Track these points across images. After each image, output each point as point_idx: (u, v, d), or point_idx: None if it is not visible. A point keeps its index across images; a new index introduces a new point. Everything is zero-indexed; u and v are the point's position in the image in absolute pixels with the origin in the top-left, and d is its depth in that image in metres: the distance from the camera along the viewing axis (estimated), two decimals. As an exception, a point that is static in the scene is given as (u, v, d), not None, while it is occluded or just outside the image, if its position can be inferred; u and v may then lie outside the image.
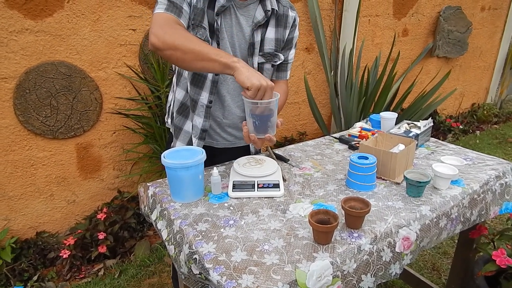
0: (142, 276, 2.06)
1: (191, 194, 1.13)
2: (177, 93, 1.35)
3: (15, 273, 2.02)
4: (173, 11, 1.11)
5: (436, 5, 3.68)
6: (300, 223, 1.02)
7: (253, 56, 1.28)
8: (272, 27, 1.29)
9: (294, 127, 3.22)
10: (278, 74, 1.41)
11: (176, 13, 1.11)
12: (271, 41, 1.29)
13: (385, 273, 0.98)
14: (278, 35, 1.31)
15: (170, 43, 1.03)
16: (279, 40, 1.31)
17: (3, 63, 1.87)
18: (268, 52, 1.30)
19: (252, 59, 1.28)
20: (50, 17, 1.92)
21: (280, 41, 1.32)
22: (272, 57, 1.31)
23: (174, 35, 1.04)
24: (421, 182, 1.11)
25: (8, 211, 2.11)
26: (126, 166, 2.41)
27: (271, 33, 1.29)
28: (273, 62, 1.32)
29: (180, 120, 1.37)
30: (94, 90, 2.15)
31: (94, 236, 2.15)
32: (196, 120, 1.33)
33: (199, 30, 1.18)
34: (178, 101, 1.36)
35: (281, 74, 1.41)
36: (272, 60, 1.32)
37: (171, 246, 1.02)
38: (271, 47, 1.30)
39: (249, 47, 1.26)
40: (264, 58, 1.30)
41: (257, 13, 1.24)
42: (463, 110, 4.63)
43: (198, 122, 1.32)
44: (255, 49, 1.27)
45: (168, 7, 1.11)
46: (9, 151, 2.01)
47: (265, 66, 1.32)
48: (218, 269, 0.85)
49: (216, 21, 1.19)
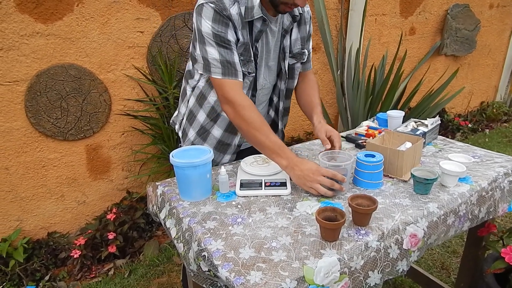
0: (152, 275, 2.08)
1: (199, 193, 1.14)
2: (199, 115, 1.34)
3: (27, 273, 2.06)
4: (231, 73, 1.15)
5: (444, 3, 3.66)
6: (307, 220, 1.02)
7: (285, 60, 1.31)
8: (295, 28, 1.32)
9: (301, 127, 3.22)
10: (304, 66, 1.45)
11: (234, 74, 1.15)
12: (297, 41, 1.33)
13: (392, 270, 0.98)
14: (301, 34, 1.34)
15: (239, 126, 1.20)
16: (303, 38, 1.35)
17: (15, 66, 1.91)
18: (297, 52, 1.34)
19: (284, 62, 1.31)
20: (60, 20, 1.96)
21: (304, 38, 1.36)
22: (301, 56, 1.36)
23: (236, 118, 1.17)
24: (428, 180, 1.11)
25: (20, 212, 2.15)
26: (135, 167, 2.44)
27: (296, 33, 1.32)
28: (302, 60, 1.37)
29: (199, 141, 1.39)
30: (103, 92, 2.18)
31: (104, 236, 2.17)
32: (236, 140, 1.38)
33: (249, 65, 1.20)
34: (199, 123, 1.36)
35: (306, 65, 1.46)
36: (301, 58, 1.36)
37: (180, 244, 1.04)
38: (299, 47, 1.34)
39: (280, 52, 1.30)
40: (295, 59, 1.34)
41: (284, 19, 1.27)
42: (472, 108, 4.59)
43: (237, 140, 1.38)
44: (286, 53, 1.31)
45: (224, 71, 1.14)
46: (21, 152, 2.05)
47: (296, 66, 1.36)
48: (227, 265, 0.86)
49: (256, 47, 1.22)
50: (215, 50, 1.13)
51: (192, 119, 1.38)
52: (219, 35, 1.12)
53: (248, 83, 1.25)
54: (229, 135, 1.35)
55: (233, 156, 1.40)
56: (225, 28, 1.12)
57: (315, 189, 1.10)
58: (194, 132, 1.38)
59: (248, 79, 1.23)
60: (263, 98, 1.38)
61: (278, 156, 1.14)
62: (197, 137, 1.38)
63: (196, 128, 1.37)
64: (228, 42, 1.14)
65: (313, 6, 2.83)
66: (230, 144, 1.37)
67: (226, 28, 1.12)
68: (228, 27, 1.12)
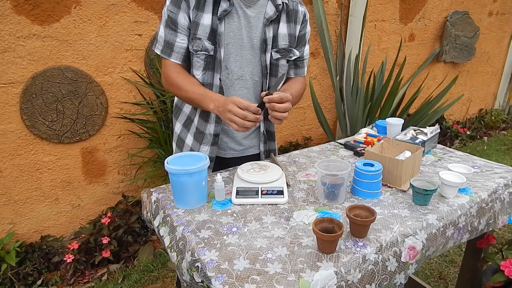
0: (146, 281, 2.05)
1: (194, 200, 1.12)
2: (185, 107, 1.39)
3: (19, 277, 2.03)
4: (165, 52, 1.25)
5: (443, 10, 3.66)
6: (304, 231, 1.00)
7: (265, 52, 1.28)
8: (284, 23, 1.29)
9: (299, 132, 3.20)
10: (296, 71, 1.43)
11: (167, 54, 1.25)
12: (285, 37, 1.30)
13: (389, 283, 0.96)
14: (290, 31, 1.31)
15: (171, 92, 1.32)
16: (292, 36, 1.32)
17: (10, 68, 1.89)
18: (283, 48, 1.31)
19: (265, 55, 1.28)
20: (57, 22, 1.94)
21: (292, 36, 1.32)
22: (287, 53, 1.32)
23: (169, 87, 1.29)
24: (428, 190, 1.09)
25: (14, 215, 2.12)
26: (131, 171, 2.42)
27: (284, 28, 1.30)
28: (288, 58, 1.33)
29: (184, 133, 1.41)
30: (100, 94, 2.16)
31: (98, 241, 2.14)
32: (210, 128, 1.34)
33: (196, 42, 1.21)
34: (185, 115, 1.39)
35: (298, 70, 1.43)
36: (287, 55, 1.33)
37: (174, 253, 1.01)
38: (285, 43, 1.31)
39: (261, 43, 1.27)
40: (280, 54, 1.31)
41: (268, 9, 1.25)
42: (471, 115, 4.59)
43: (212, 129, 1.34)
44: (268, 45, 1.27)
45: (162, 49, 1.25)
46: (15, 155, 2.03)
47: (280, 62, 1.32)
48: (220, 277, 0.84)
49: (218, 26, 1.20)
50: (164, 28, 1.23)
51: (178, 112, 1.41)
52: (170, 16, 1.20)
53: (201, 63, 1.24)
54: (202, 122, 1.34)
55: (212, 148, 1.35)
56: (177, 9, 1.19)
57: (233, 122, 1.10)
58: (180, 124, 1.40)
59: (199, 58, 1.24)
60: (241, 91, 1.32)
61: (205, 103, 1.19)
62: (183, 129, 1.40)
63: (182, 120, 1.40)
64: (176, 24, 1.21)
65: (312, 11, 2.83)
66: (204, 132, 1.34)
67: (178, 10, 1.19)
68: (180, 8, 1.19)
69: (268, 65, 1.31)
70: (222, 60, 1.25)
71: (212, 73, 1.26)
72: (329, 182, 1.12)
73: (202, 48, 1.22)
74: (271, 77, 1.34)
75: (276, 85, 1.23)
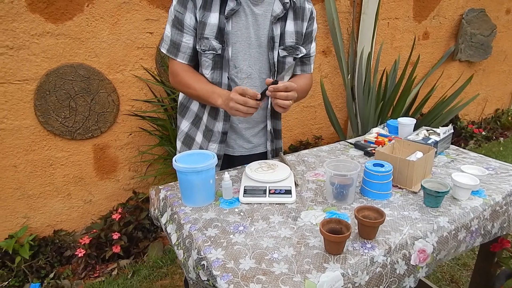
0: (155, 277, 2.07)
1: (201, 198, 1.12)
2: (192, 105, 1.38)
3: (32, 270, 2.07)
4: (172, 52, 1.26)
5: (459, 7, 3.58)
6: (312, 231, 0.99)
7: (273, 50, 1.28)
8: (291, 20, 1.29)
9: (309, 130, 3.18)
10: (303, 68, 1.43)
11: (174, 54, 1.26)
12: (292, 34, 1.30)
13: (398, 286, 0.94)
14: (297, 28, 1.31)
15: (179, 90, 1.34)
16: (298, 33, 1.31)
17: (25, 65, 1.92)
18: (290, 45, 1.30)
19: (273, 53, 1.28)
20: (70, 20, 1.96)
21: (299, 34, 1.32)
22: (294, 50, 1.32)
23: (177, 86, 1.31)
24: (439, 192, 1.06)
25: (28, 209, 2.16)
26: (141, 168, 2.44)
27: (291, 26, 1.29)
28: (295, 55, 1.33)
29: (193, 131, 1.41)
30: (111, 92, 2.18)
31: (109, 236, 2.17)
32: (218, 126, 1.34)
33: (202, 42, 1.21)
34: (194, 113, 1.39)
35: (305, 68, 1.43)
36: (294, 53, 1.32)
37: (180, 250, 1.02)
38: (292, 40, 1.30)
39: (268, 41, 1.27)
40: (286, 51, 1.30)
41: (275, 7, 1.25)
42: (486, 115, 4.48)
43: (220, 127, 1.34)
44: (275, 42, 1.27)
45: (169, 48, 1.27)
46: (29, 151, 2.07)
47: (287, 60, 1.32)
48: (226, 276, 0.84)
49: (226, 25, 1.19)
50: (170, 28, 1.24)
51: (184, 110, 1.41)
52: (177, 16, 1.21)
53: (209, 62, 1.25)
54: (211, 119, 1.34)
55: (220, 146, 1.36)
56: (184, 9, 1.20)
57: (237, 110, 1.11)
58: (189, 122, 1.40)
59: (207, 57, 1.24)
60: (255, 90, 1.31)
61: (213, 98, 1.21)
62: (192, 127, 1.40)
63: (191, 118, 1.40)
64: (182, 24, 1.21)
65: (324, 9, 2.80)
66: (213, 130, 1.35)
67: (185, 10, 1.20)
68: (187, 9, 1.19)
69: (276, 63, 1.30)
70: (230, 59, 1.25)
71: (220, 72, 1.26)
72: (338, 182, 1.10)
73: (210, 48, 1.22)
74: (278, 74, 1.33)
75: (283, 75, 1.21)
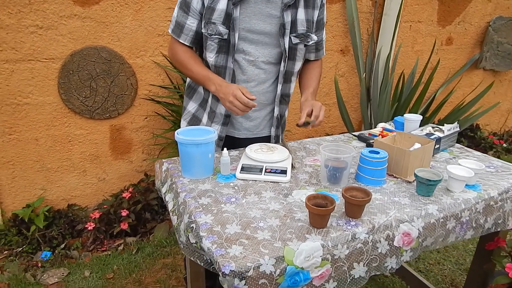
0: (158, 255, 2.15)
1: (200, 171, 1.18)
2: (200, 87, 1.44)
3: (45, 239, 2.19)
4: (175, 32, 1.34)
5: (486, 14, 3.50)
6: (300, 207, 1.03)
7: (284, 37, 1.32)
8: (301, 8, 1.33)
9: (322, 129, 3.19)
10: (317, 54, 1.50)
11: (176, 34, 1.34)
12: (303, 22, 1.34)
13: (379, 265, 0.96)
14: (308, 16, 1.35)
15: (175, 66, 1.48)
16: (309, 21, 1.36)
17: (52, 44, 2.05)
18: (301, 33, 1.35)
19: (284, 39, 1.32)
20: (96, 5, 2.08)
21: (310, 21, 1.36)
22: (305, 38, 1.36)
23: (176, 63, 1.40)
24: (431, 181, 1.08)
25: (45, 181, 2.29)
26: (154, 151, 2.53)
27: (302, 14, 1.33)
28: (305, 43, 1.37)
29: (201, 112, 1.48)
30: (130, 76, 2.28)
31: (118, 213, 2.27)
32: (221, 108, 1.39)
33: (209, 26, 1.27)
34: (201, 95, 1.44)
35: (319, 53, 1.50)
36: (305, 40, 1.37)
37: (175, 216, 1.07)
38: (303, 28, 1.35)
39: (280, 28, 1.31)
40: (299, 38, 1.35)
41: None
42: (510, 128, 4.34)
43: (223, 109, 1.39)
44: (286, 29, 1.31)
45: (173, 29, 1.35)
46: (50, 126, 2.19)
47: (298, 46, 1.36)
48: (211, 237, 0.88)
49: (234, 11, 1.24)
50: (177, 10, 1.32)
51: (192, 92, 1.47)
52: (186, 0, 1.28)
53: (215, 46, 1.30)
54: (214, 101, 1.40)
55: (222, 128, 1.42)
56: None
57: (235, 107, 1.21)
58: (196, 104, 1.47)
59: (213, 41, 1.29)
60: (257, 71, 1.36)
61: (207, 84, 1.31)
62: (199, 108, 1.46)
63: (198, 100, 1.46)
64: (189, 7, 1.28)
65: (344, 8, 2.81)
66: (215, 112, 1.40)
67: None
68: None
69: (287, 49, 1.34)
70: (236, 44, 1.30)
71: (225, 56, 1.31)
72: (332, 165, 1.13)
73: (216, 32, 1.27)
74: (289, 61, 1.37)
75: None
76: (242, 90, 1.21)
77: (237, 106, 1.20)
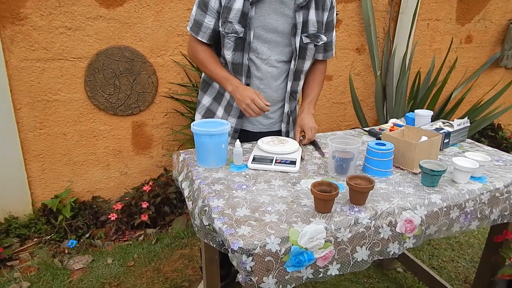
0: (176, 246, 2.24)
1: (214, 160, 1.25)
2: (204, 99, 1.55)
3: (72, 229, 2.32)
4: (193, 30, 1.42)
5: (507, 12, 3.44)
6: (307, 194, 1.09)
7: (295, 36, 1.39)
8: (313, 9, 1.39)
9: (338, 127, 3.22)
10: (325, 55, 1.56)
11: (195, 32, 1.41)
12: (314, 23, 1.40)
13: (382, 250, 1.01)
14: (319, 18, 1.41)
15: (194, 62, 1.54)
16: (319, 22, 1.42)
17: (79, 44, 2.18)
18: (312, 33, 1.41)
19: (295, 38, 1.39)
20: (120, 6, 2.20)
21: (320, 23, 1.42)
22: (315, 38, 1.43)
23: (195, 61, 1.49)
24: (434, 171, 1.11)
25: (72, 174, 2.43)
26: (173, 147, 2.63)
27: (313, 15, 1.40)
28: (315, 43, 1.44)
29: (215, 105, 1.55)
30: (151, 74, 2.40)
31: (139, 205, 2.38)
32: None
33: (226, 25, 1.34)
34: (216, 89, 1.52)
35: (327, 54, 1.56)
36: (315, 40, 1.43)
37: (190, 202, 1.15)
38: (314, 29, 1.41)
39: (292, 27, 1.38)
40: (309, 38, 1.41)
41: None
42: (534, 128, 4.22)
43: None
44: (298, 29, 1.38)
45: (192, 27, 1.42)
46: (77, 121, 2.33)
47: (309, 46, 1.43)
48: (222, 219, 0.96)
49: (250, 10, 1.32)
50: (196, 8, 1.39)
51: (206, 86, 1.54)
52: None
53: (231, 44, 1.37)
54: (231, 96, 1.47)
55: (238, 120, 1.49)
56: None
57: (251, 110, 1.32)
58: (210, 98, 1.54)
59: (230, 39, 1.36)
60: (270, 69, 1.43)
61: (224, 84, 1.40)
62: (213, 102, 1.54)
63: (213, 94, 1.54)
64: (207, 6, 1.35)
65: (360, 7, 2.84)
66: (233, 105, 1.48)
67: None
68: None
69: (298, 48, 1.40)
70: (251, 42, 1.37)
71: (241, 54, 1.39)
72: (338, 156, 1.18)
73: (233, 31, 1.34)
74: (299, 59, 1.43)
75: None
76: (259, 96, 1.32)
77: (253, 109, 1.32)
